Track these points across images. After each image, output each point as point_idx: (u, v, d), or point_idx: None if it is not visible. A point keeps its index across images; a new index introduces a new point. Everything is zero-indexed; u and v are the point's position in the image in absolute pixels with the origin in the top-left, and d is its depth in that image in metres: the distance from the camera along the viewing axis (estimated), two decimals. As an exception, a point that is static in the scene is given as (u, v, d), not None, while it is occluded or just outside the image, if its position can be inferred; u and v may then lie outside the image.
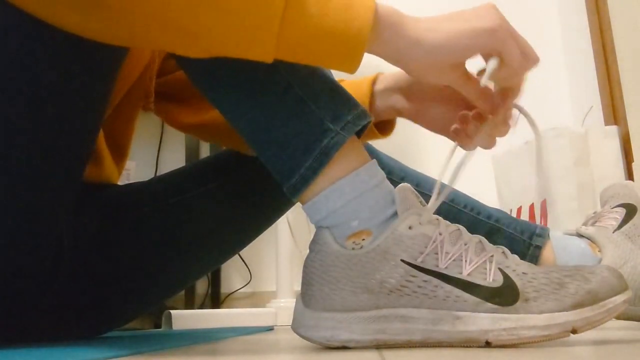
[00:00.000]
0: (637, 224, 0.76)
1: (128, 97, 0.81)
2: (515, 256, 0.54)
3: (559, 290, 0.51)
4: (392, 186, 0.56)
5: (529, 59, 0.56)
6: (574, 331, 0.50)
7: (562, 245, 0.79)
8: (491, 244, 0.54)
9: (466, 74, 0.56)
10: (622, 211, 0.78)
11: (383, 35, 0.50)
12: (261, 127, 0.55)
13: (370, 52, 0.51)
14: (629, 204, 0.79)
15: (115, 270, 0.73)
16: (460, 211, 0.82)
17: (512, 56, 0.53)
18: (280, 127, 0.54)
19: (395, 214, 0.53)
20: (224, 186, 0.81)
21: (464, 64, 0.55)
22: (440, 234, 0.53)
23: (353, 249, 0.53)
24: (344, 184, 0.53)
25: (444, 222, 0.54)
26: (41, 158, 0.59)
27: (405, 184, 0.55)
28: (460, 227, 0.55)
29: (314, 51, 0.50)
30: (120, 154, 0.83)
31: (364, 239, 0.53)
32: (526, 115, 0.59)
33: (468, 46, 0.52)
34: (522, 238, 0.80)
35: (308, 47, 0.49)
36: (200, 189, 0.81)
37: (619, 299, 0.51)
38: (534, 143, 1.61)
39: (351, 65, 0.50)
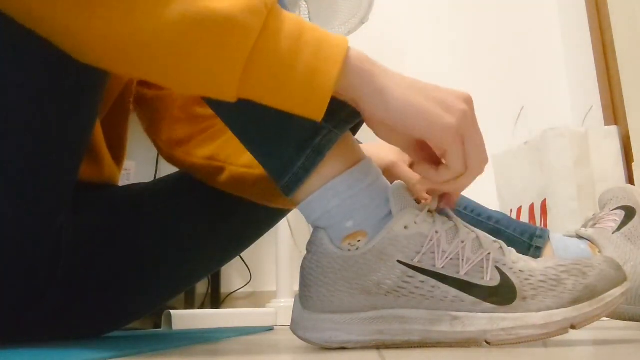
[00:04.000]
0: (637, 225, 0.76)
1: (122, 97, 0.81)
2: (513, 250, 0.54)
3: (556, 286, 0.50)
4: (388, 183, 0.55)
5: (471, 171, 0.52)
6: (573, 327, 0.50)
7: (562, 247, 0.79)
8: (488, 240, 0.54)
9: (415, 152, 0.55)
10: (621, 213, 0.78)
11: (350, 81, 0.49)
12: (253, 125, 0.55)
13: (340, 96, 0.51)
14: (627, 206, 0.79)
15: (116, 271, 0.73)
16: (460, 213, 0.82)
17: (453, 163, 0.51)
18: (271, 125, 0.53)
19: (390, 213, 0.53)
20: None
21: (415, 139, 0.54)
22: (436, 232, 0.52)
23: (349, 250, 0.53)
24: (337, 183, 0.53)
25: (440, 219, 0.54)
26: (36, 155, 0.59)
27: (400, 181, 0.55)
28: (457, 223, 0.54)
29: (279, 97, 0.48)
30: (117, 155, 0.83)
31: (359, 240, 0.52)
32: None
33: (417, 128, 0.50)
34: (522, 239, 0.80)
35: (273, 93, 0.48)
36: (201, 190, 0.81)
37: (617, 291, 0.51)
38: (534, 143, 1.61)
39: (316, 114, 0.49)
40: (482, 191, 1.02)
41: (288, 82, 0.47)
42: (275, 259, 1.69)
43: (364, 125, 0.59)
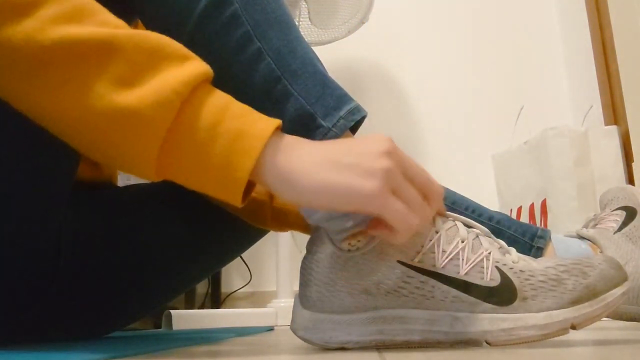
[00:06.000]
0: (638, 226, 0.76)
1: None
2: (513, 250, 0.54)
3: (556, 287, 0.50)
4: None
5: (420, 213, 0.48)
6: (573, 327, 0.50)
7: (563, 247, 0.79)
8: (488, 239, 0.54)
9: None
10: (622, 214, 0.78)
11: (262, 175, 0.48)
12: None
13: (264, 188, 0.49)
14: (628, 206, 0.79)
15: (115, 271, 0.73)
16: (461, 213, 0.82)
17: (396, 220, 0.47)
18: None
19: None
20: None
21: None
22: (436, 232, 0.52)
23: (349, 250, 0.53)
24: None
25: (440, 219, 0.54)
26: (35, 154, 0.59)
27: None
28: (457, 222, 0.54)
29: (195, 184, 0.48)
30: None
31: (359, 240, 0.52)
32: None
33: (340, 205, 0.47)
34: (523, 240, 0.80)
35: (189, 180, 0.48)
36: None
37: (617, 291, 0.51)
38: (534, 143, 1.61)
39: (233, 201, 0.48)
40: (482, 191, 1.02)
41: (202, 172, 0.47)
42: (275, 259, 1.69)
43: (364, 124, 0.59)
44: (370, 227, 0.50)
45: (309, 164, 0.47)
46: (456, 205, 0.80)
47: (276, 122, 0.48)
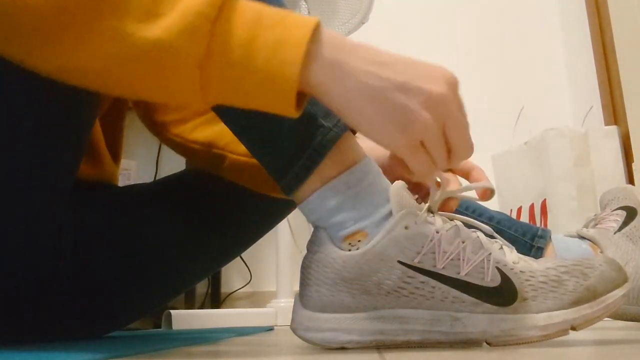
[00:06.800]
0: (638, 225, 0.76)
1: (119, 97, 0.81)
2: (513, 250, 0.54)
3: (557, 288, 0.50)
4: (388, 183, 0.55)
5: (454, 156, 0.51)
6: (573, 328, 0.50)
7: (563, 247, 0.79)
8: (489, 239, 0.54)
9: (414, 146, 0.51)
10: (622, 214, 0.79)
11: (321, 77, 0.47)
12: (252, 124, 0.55)
13: (314, 96, 0.49)
14: (629, 206, 0.79)
15: (116, 270, 0.73)
16: (461, 213, 0.82)
17: (435, 152, 0.50)
18: (271, 124, 0.53)
19: (390, 213, 0.53)
20: (226, 188, 0.81)
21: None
22: (437, 232, 0.52)
23: (349, 250, 0.53)
24: (338, 182, 0.53)
25: (440, 219, 0.54)
26: (35, 154, 0.59)
27: (400, 181, 0.54)
28: (458, 222, 0.54)
29: (246, 97, 0.47)
30: (114, 152, 0.83)
31: (359, 240, 0.52)
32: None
33: (379, 119, 0.48)
34: (523, 240, 0.80)
35: (238, 97, 0.47)
36: (201, 190, 0.81)
37: (618, 293, 0.51)
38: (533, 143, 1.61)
39: (288, 110, 0.47)
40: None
41: (248, 90, 0.46)
42: (275, 259, 1.69)
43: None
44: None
45: (359, 63, 0.48)
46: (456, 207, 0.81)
47: (312, 22, 0.46)
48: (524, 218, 1.63)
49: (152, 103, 0.85)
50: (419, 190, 0.66)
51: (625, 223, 0.77)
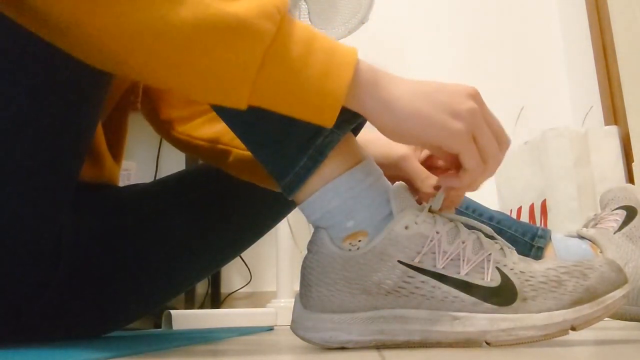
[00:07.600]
0: (638, 225, 0.76)
1: (123, 100, 0.81)
2: (513, 251, 0.54)
3: (557, 288, 0.50)
4: (389, 184, 0.55)
5: (488, 165, 0.54)
6: (573, 328, 0.50)
7: (563, 247, 0.79)
8: (489, 239, 0.54)
9: (432, 149, 0.56)
10: (622, 213, 0.78)
11: (356, 91, 0.49)
12: (254, 125, 0.55)
13: (347, 106, 0.50)
14: (629, 206, 0.79)
15: (116, 271, 0.73)
16: (462, 213, 0.82)
17: (469, 164, 0.52)
18: (273, 125, 0.53)
19: (391, 213, 0.53)
20: (226, 188, 0.81)
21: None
22: (437, 233, 0.52)
23: (350, 250, 0.53)
24: (338, 183, 0.53)
25: (441, 220, 0.54)
26: (37, 155, 0.59)
27: (401, 182, 0.55)
28: (458, 223, 0.54)
29: (290, 104, 0.48)
30: (116, 153, 0.83)
31: (360, 240, 0.52)
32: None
33: (426, 137, 0.51)
34: (524, 240, 0.80)
35: (284, 99, 0.48)
36: (201, 190, 0.81)
37: (617, 294, 0.51)
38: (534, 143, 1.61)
39: (327, 121, 0.49)
40: (482, 191, 1.02)
41: (300, 88, 0.47)
42: (275, 259, 1.69)
43: (365, 125, 0.59)
44: (440, 179, 0.56)
45: (405, 91, 0.51)
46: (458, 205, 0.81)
47: (354, 48, 0.50)
48: (524, 218, 1.63)
49: (159, 101, 0.85)
50: (417, 193, 0.67)
51: (625, 223, 0.77)
